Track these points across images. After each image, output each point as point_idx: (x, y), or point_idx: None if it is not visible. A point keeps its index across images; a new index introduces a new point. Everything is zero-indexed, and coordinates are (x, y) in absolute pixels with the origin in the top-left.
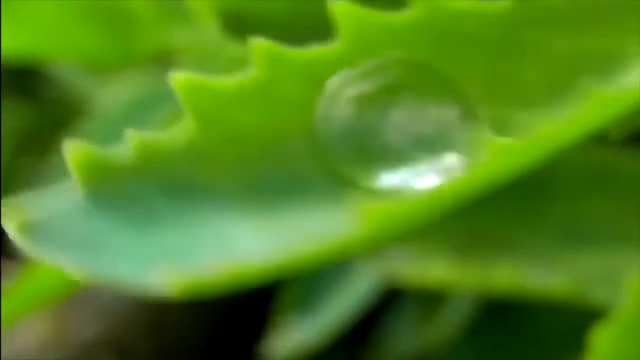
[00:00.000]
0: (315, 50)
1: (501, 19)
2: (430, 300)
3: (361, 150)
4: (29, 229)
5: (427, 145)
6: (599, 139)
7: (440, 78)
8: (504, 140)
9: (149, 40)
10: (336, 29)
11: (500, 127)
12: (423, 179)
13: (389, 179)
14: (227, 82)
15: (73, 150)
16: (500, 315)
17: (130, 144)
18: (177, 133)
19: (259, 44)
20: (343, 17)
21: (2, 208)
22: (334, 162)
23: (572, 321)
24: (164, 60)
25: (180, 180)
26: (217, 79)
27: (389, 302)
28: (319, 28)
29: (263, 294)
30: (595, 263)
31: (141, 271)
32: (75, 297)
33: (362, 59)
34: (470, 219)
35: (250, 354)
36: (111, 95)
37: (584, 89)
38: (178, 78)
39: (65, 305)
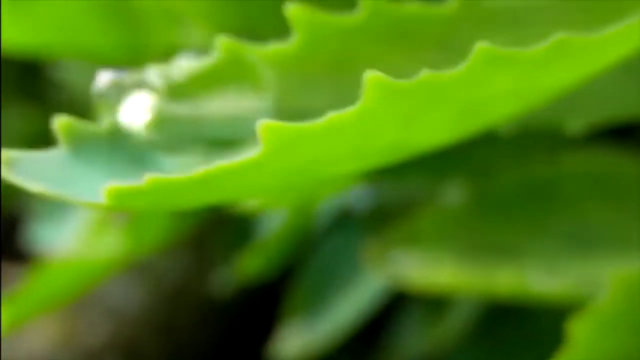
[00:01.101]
0: (273, 46)
1: (445, 19)
2: (435, 304)
3: None
4: (12, 162)
5: None
6: (599, 139)
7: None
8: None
9: (157, 39)
10: (292, 30)
11: None
12: None
13: None
14: (193, 68)
15: (60, 121)
16: (503, 319)
17: (105, 122)
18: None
19: (224, 42)
20: (298, 19)
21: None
22: None
23: None
24: (171, 60)
25: (143, 154)
26: (185, 66)
27: (395, 305)
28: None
29: (271, 297)
30: (597, 267)
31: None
32: (85, 300)
33: (313, 53)
34: (474, 226)
35: (258, 355)
36: None
37: None
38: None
39: (74, 308)
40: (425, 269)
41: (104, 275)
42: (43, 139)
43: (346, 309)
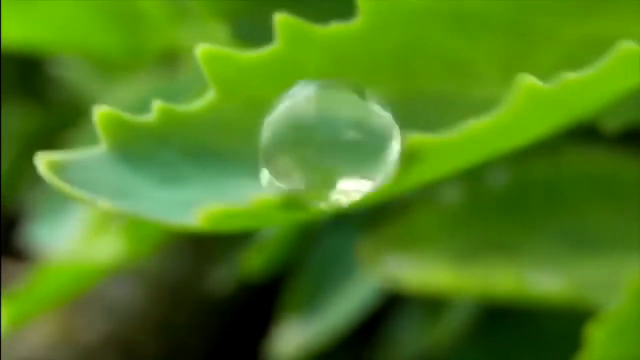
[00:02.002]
0: (335, 27)
1: (513, 2)
2: (433, 303)
3: None
4: (58, 167)
5: None
6: (599, 139)
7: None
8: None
9: (157, 38)
10: (356, 8)
11: None
12: None
13: None
14: (250, 54)
15: (101, 115)
16: (501, 319)
17: (155, 111)
18: (200, 102)
19: (282, 19)
20: None
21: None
22: None
23: (573, 325)
24: (171, 59)
25: (200, 144)
26: (240, 51)
27: (393, 304)
28: None
29: (268, 295)
30: (596, 268)
31: (166, 212)
32: (83, 298)
33: (379, 36)
34: (472, 225)
35: (256, 353)
36: (118, 96)
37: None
38: (202, 49)
39: (72, 306)
40: (422, 270)
41: (102, 276)
42: (43, 137)
43: (344, 306)
